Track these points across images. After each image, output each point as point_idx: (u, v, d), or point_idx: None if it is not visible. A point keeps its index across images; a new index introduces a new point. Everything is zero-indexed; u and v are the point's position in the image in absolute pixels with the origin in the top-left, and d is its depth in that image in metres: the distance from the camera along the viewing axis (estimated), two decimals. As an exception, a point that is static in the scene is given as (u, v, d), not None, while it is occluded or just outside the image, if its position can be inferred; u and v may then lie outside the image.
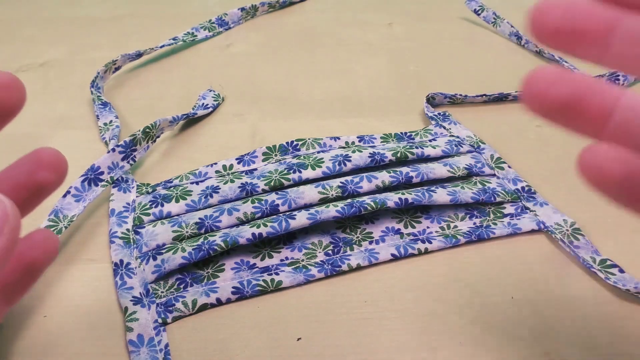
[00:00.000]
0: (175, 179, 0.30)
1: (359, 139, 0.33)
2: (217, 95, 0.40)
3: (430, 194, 0.28)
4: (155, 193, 0.29)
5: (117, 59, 0.41)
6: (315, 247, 0.27)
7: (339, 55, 0.47)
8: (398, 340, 0.23)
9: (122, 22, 0.54)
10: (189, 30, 0.49)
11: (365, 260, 0.26)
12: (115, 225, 0.27)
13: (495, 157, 0.32)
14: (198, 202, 0.28)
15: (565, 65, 0.44)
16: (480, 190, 0.29)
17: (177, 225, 0.27)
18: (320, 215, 0.26)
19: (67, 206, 0.27)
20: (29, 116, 0.38)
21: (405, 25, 0.54)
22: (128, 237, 0.27)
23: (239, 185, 0.29)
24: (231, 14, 0.52)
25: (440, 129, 0.35)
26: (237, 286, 0.24)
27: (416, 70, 0.45)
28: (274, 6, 0.56)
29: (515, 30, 0.49)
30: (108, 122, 0.36)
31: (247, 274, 0.25)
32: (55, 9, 0.57)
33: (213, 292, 0.24)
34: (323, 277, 0.25)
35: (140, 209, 0.28)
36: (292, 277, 0.25)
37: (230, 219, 0.27)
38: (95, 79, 0.40)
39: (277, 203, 0.27)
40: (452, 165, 0.30)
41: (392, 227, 0.28)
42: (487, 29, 0.53)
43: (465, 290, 0.25)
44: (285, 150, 0.32)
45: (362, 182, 0.28)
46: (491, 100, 0.39)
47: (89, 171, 0.29)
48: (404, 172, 0.29)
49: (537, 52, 0.47)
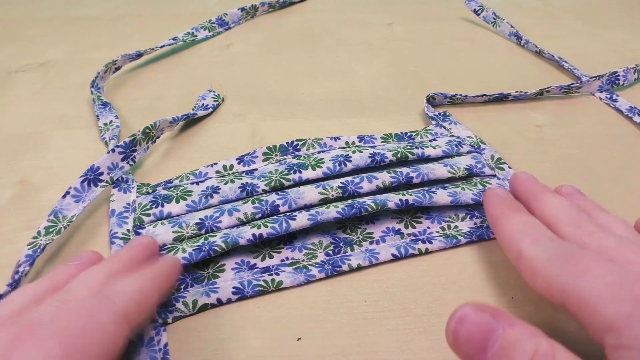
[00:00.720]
0: (175, 179, 0.30)
1: (360, 139, 0.33)
2: (217, 95, 0.40)
3: (431, 195, 0.28)
4: (156, 193, 0.29)
5: (117, 59, 0.41)
6: (316, 248, 0.27)
7: (339, 55, 0.47)
8: (398, 340, 0.23)
9: (122, 22, 0.54)
10: (189, 30, 0.49)
11: (366, 260, 0.26)
12: (115, 226, 0.27)
13: (495, 158, 0.32)
14: (198, 203, 0.28)
15: (566, 65, 0.44)
16: (481, 191, 0.29)
17: (178, 225, 0.27)
18: (320, 216, 0.26)
19: (67, 207, 0.27)
20: (29, 116, 0.38)
21: (405, 25, 0.54)
22: (128, 238, 0.27)
23: (239, 185, 0.29)
24: (231, 14, 0.52)
25: (441, 129, 0.35)
26: (237, 286, 0.24)
27: (416, 70, 0.45)
28: (274, 6, 0.56)
29: (515, 31, 0.49)
30: (108, 122, 0.36)
31: (247, 274, 0.25)
32: (55, 9, 0.57)
33: (213, 292, 0.24)
34: (324, 277, 0.25)
35: (140, 210, 0.28)
36: (292, 277, 0.25)
37: (231, 219, 0.27)
38: (95, 79, 0.39)
39: (278, 204, 0.27)
40: (452, 166, 0.30)
41: (392, 228, 0.28)
42: (487, 29, 0.53)
43: (465, 290, 0.25)
44: (285, 150, 0.32)
45: (362, 183, 0.28)
46: (491, 100, 0.39)
47: (89, 172, 0.29)
48: (405, 173, 0.29)
49: (537, 52, 0.47)
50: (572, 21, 0.55)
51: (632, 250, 0.20)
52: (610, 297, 0.18)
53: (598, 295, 0.18)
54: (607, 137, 0.36)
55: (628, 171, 0.33)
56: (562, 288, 0.19)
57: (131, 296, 0.20)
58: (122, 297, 0.20)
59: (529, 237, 0.22)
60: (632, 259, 0.20)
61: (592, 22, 0.55)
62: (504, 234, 0.23)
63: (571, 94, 0.41)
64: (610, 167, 0.33)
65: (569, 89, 0.40)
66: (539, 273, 0.20)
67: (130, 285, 0.20)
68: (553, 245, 0.21)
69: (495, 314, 0.18)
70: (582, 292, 0.18)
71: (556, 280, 0.19)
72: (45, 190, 0.31)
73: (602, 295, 0.18)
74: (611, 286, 0.18)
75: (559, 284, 0.19)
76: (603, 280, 0.18)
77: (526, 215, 0.24)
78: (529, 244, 0.21)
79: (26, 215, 0.29)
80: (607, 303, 0.17)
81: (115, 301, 0.19)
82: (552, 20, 0.56)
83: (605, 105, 0.40)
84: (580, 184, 0.32)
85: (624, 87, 0.42)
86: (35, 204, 0.30)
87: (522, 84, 0.42)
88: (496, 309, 0.18)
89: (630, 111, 0.38)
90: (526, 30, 0.52)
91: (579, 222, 0.23)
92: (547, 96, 0.41)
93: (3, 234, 0.28)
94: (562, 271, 0.19)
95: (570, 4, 0.60)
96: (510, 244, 0.22)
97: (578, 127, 0.37)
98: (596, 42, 0.51)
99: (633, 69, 0.42)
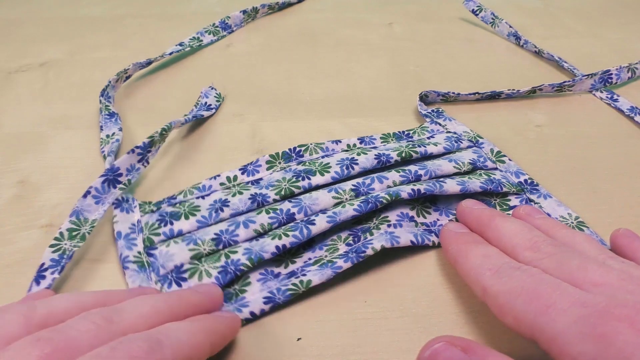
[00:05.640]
0: (178, 194, 0.29)
1: (360, 140, 0.33)
2: (219, 94, 0.40)
3: (441, 184, 0.28)
4: (161, 211, 0.28)
5: (128, 68, 0.40)
6: (335, 242, 0.27)
7: (339, 55, 0.47)
8: (398, 340, 0.23)
9: (122, 22, 0.54)
10: (194, 35, 0.48)
11: (388, 242, 0.25)
12: (125, 249, 0.26)
13: (495, 151, 0.33)
14: (209, 218, 0.27)
15: (565, 65, 0.44)
16: (487, 180, 0.30)
17: (193, 243, 0.25)
18: (339, 217, 0.26)
19: (88, 208, 0.27)
20: (29, 116, 0.38)
21: (405, 25, 0.54)
22: (141, 260, 0.25)
23: (248, 196, 0.28)
24: (234, 17, 0.52)
25: (436, 126, 0.36)
26: (268, 295, 0.24)
27: (416, 70, 0.45)
28: (273, 8, 0.56)
29: (514, 31, 0.49)
30: (110, 134, 0.34)
31: (274, 282, 0.25)
32: (55, 9, 0.57)
33: (244, 306, 0.23)
34: (350, 265, 0.25)
35: (148, 229, 0.26)
36: (319, 273, 0.24)
37: (248, 231, 0.26)
38: (106, 88, 0.38)
39: (293, 211, 0.27)
40: (457, 161, 0.31)
41: (406, 214, 0.28)
42: (486, 29, 0.53)
43: (465, 290, 0.25)
44: (288, 157, 0.31)
45: (374, 184, 0.28)
46: (484, 98, 0.39)
47: (109, 172, 0.28)
48: (413, 171, 0.29)
49: (536, 52, 0.47)
50: (572, 21, 0.55)
51: (595, 270, 0.20)
52: (574, 335, 0.17)
53: (563, 333, 0.17)
54: (607, 137, 0.36)
55: (628, 171, 0.33)
56: (530, 325, 0.19)
57: (183, 349, 0.18)
58: (173, 348, 0.17)
59: (490, 270, 0.21)
60: (595, 280, 0.19)
61: (592, 22, 0.55)
62: (465, 271, 0.23)
63: (570, 93, 0.41)
64: (610, 167, 0.33)
65: (561, 87, 0.40)
66: (506, 310, 0.20)
67: (184, 335, 0.18)
68: (515, 275, 0.20)
69: (467, 347, 0.18)
70: (548, 329, 0.18)
71: (524, 317, 0.19)
72: (45, 190, 0.31)
73: (567, 334, 0.17)
74: (575, 323, 0.17)
75: (527, 320, 0.19)
76: (567, 317, 0.18)
77: (484, 246, 0.23)
78: (490, 277, 0.21)
79: (26, 215, 0.29)
80: (572, 342, 0.17)
81: (165, 352, 0.17)
82: (552, 20, 0.56)
83: (605, 105, 0.40)
84: (580, 184, 0.32)
85: (619, 86, 0.42)
86: (35, 204, 0.30)
87: (523, 83, 0.42)
88: (469, 343, 0.18)
89: (632, 111, 0.38)
90: (526, 30, 0.52)
91: (537, 245, 0.22)
92: (547, 96, 0.41)
93: (3, 234, 0.28)
94: (528, 307, 0.19)
95: (570, 4, 0.60)
96: (473, 280, 0.22)
97: (578, 127, 0.37)
98: (596, 42, 0.51)
99: (626, 67, 0.42)
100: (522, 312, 0.19)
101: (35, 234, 0.27)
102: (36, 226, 0.28)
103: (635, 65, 0.43)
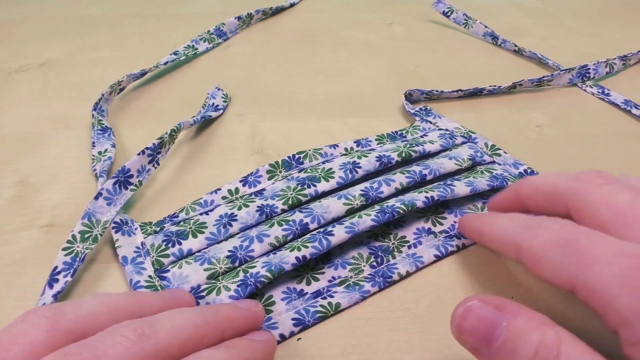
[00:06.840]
0: (180, 212, 0.28)
1: (356, 143, 0.33)
2: (226, 95, 0.40)
3: (452, 188, 0.28)
4: (166, 231, 0.27)
5: (122, 80, 0.39)
6: (358, 261, 0.26)
7: (339, 55, 0.47)
8: (398, 340, 0.23)
9: (122, 22, 0.54)
10: (189, 44, 0.47)
11: (413, 266, 0.25)
12: (134, 274, 0.24)
13: (489, 145, 0.33)
14: (218, 234, 0.26)
15: (550, 63, 0.44)
16: (492, 177, 0.30)
17: (207, 262, 0.24)
18: (358, 227, 0.25)
19: (100, 209, 0.26)
20: (29, 116, 0.38)
21: (405, 25, 0.54)
22: (154, 284, 0.24)
23: (255, 208, 0.27)
24: (229, 23, 0.51)
25: (427, 124, 0.36)
26: (296, 317, 0.23)
27: (416, 70, 0.45)
28: (267, 13, 0.56)
29: (490, 31, 0.50)
30: (103, 151, 0.33)
31: (300, 302, 0.24)
32: (55, 9, 0.57)
33: (273, 328, 0.22)
34: (377, 290, 0.24)
35: (155, 251, 0.25)
36: (348, 297, 0.24)
37: (263, 246, 0.25)
38: (98, 102, 0.37)
39: (306, 222, 0.26)
40: (456, 158, 0.31)
41: (423, 228, 0.28)
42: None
43: (465, 290, 0.25)
44: (288, 165, 0.31)
45: (382, 187, 0.28)
46: (467, 95, 0.40)
47: (120, 173, 0.28)
48: (417, 171, 0.29)
49: (515, 52, 0.47)
50: (572, 21, 0.55)
51: None
52: (622, 288, 0.16)
53: (609, 287, 0.17)
54: (607, 137, 0.36)
55: (628, 171, 0.33)
56: (570, 278, 0.18)
57: None
58: None
59: (520, 227, 0.21)
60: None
61: (592, 22, 0.55)
62: (492, 237, 0.22)
63: (571, 93, 0.41)
64: (610, 167, 0.33)
65: (541, 82, 0.41)
66: (543, 264, 0.19)
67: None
68: (547, 226, 0.20)
69: (499, 305, 0.18)
70: (591, 283, 0.17)
71: (564, 270, 0.18)
72: (45, 190, 0.31)
73: (613, 287, 0.16)
74: (622, 275, 0.16)
75: (567, 273, 0.18)
76: (613, 270, 0.17)
77: (507, 214, 0.23)
78: (523, 233, 0.20)
79: (26, 215, 0.29)
80: (620, 295, 0.16)
81: None
82: (552, 20, 0.56)
83: (605, 105, 0.40)
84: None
85: (601, 79, 0.42)
86: (35, 204, 0.30)
87: (522, 84, 0.42)
88: (501, 300, 0.18)
89: (626, 104, 0.39)
90: (526, 30, 0.52)
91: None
92: (548, 96, 0.41)
93: (3, 234, 0.28)
94: (568, 260, 0.18)
95: (570, 4, 0.60)
96: (504, 241, 0.21)
97: (578, 127, 0.37)
98: (596, 42, 0.51)
99: (604, 62, 0.43)
100: (561, 265, 0.18)
101: (35, 234, 0.27)
102: (36, 226, 0.28)
103: (613, 61, 0.43)
